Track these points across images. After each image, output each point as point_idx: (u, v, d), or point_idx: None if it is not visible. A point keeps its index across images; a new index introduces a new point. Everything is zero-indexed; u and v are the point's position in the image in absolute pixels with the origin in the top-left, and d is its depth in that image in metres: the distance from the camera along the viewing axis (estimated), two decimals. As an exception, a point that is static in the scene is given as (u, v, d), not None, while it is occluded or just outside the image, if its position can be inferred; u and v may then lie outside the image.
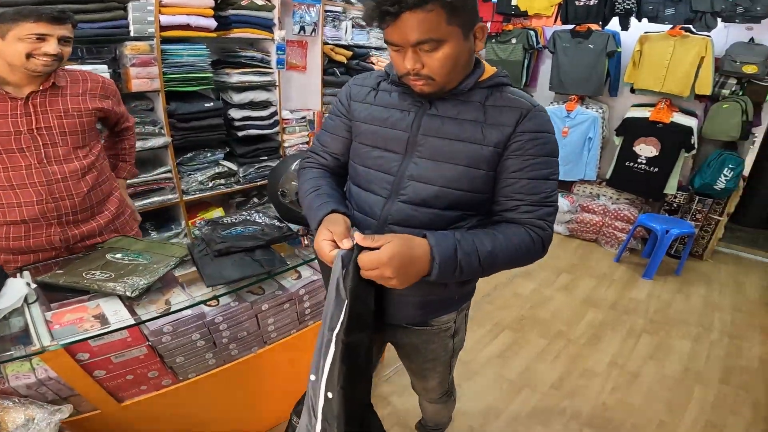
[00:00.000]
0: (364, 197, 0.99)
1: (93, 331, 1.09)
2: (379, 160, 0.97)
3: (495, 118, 0.89)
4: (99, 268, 1.29)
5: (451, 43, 0.80)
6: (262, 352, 1.46)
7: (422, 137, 0.92)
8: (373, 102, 1.01)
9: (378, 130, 0.98)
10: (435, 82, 0.85)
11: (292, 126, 3.03)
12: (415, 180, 0.92)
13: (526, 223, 0.89)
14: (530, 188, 0.89)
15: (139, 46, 2.24)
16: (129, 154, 1.75)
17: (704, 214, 3.52)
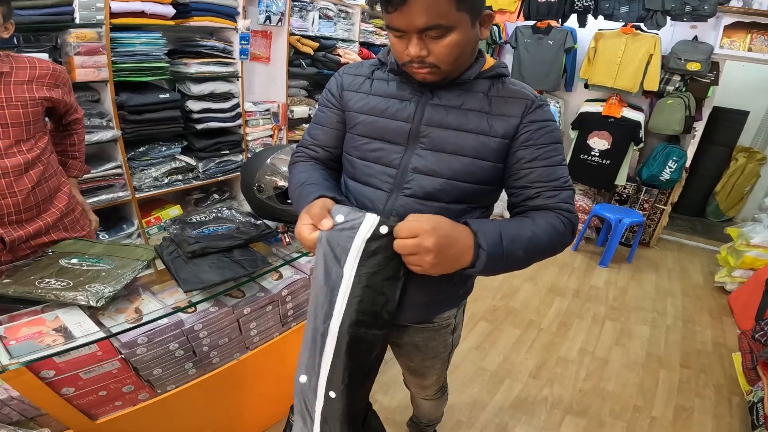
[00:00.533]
0: (365, 192, 0.94)
1: (57, 346, 0.95)
2: (379, 152, 0.92)
3: (500, 108, 0.87)
4: (53, 276, 1.14)
5: (459, 30, 0.77)
6: (245, 358, 1.37)
7: (425, 128, 0.88)
8: (369, 92, 0.95)
9: (376, 121, 0.92)
10: (440, 70, 0.82)
11: (255, 119, 2.88)
12: (420, 172, 0.89)
13: (553, 207, 0.87)
14: (547, 175, 0.87)
15: (86, 33, 2.03)
16: (79, 150, 1.59)
17: (651, 204, 3.75)
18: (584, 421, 1.84)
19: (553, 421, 1.83)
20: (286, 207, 1.49)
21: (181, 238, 1.31)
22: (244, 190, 1.59)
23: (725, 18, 3.10)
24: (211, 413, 1.39)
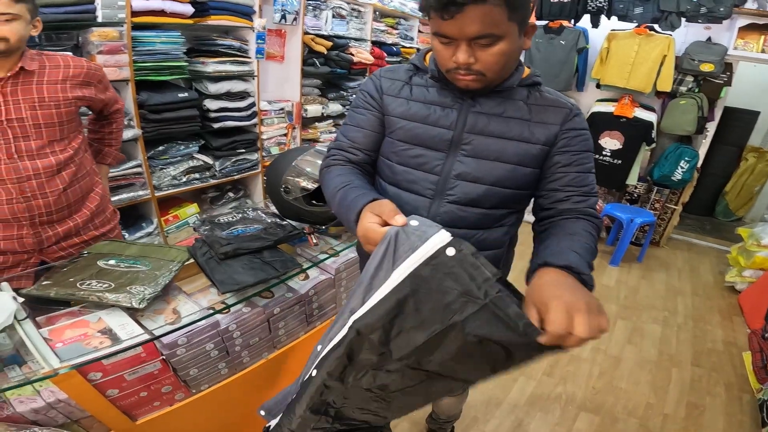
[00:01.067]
0: (406, 198, 0.96)
1: (104, 348, 0.98)
2: (420, 158, 0.94)
3: (540, 116, 0.90)
4: (94, 278, 1.17)
5: (507, 40, 0.79)
6: (273, 356, 1.40)
7: (468, 135, 0.91)
8: (409, 97, 0.96)
9: (417, 128, 0.94)
10: (485, 78, 0.83)
11: (270, 118, 2.91)
12: (463, 179, 0.92)
13: (581, 213, 0.91)
14: (579, 180, 0.92)
15: (108, 32, 2.05)
16: (116, 138, 1.62)
17: (661, 204, 3.77)
18: (598, 417, 1.88)
19: (567, 418, 1.87)
20: (312, 208, 1.51)
21: (213, 239, 1.34)
22: (269, 191, 1.62)
23: (740, 20, 3.10)
24: (241, 411, 1.42)
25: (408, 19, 3.81)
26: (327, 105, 3.28)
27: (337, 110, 3.38)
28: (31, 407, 0.99)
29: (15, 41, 1.15)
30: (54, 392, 1.01)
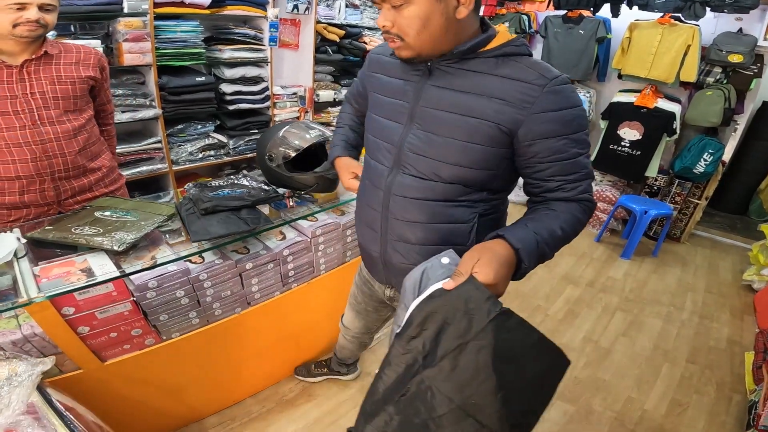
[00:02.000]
0: (372, 167, 1.03)
1: (79, 283, 1.13)
2: (385, 130, 0.98)
3: (502, 92, 0.83)
4: (88, 224, 1.33)
5: (419, 2, 0.78)
6: (246, 312, 1.52)
7: (422, 109, 0.90)
8: (384, 72, 1.01)
9: (383, 100, 0.99)
10: (406, 43, 0.83)
11: (282, 101, 3.07)
12: (414, 152, 0.92)
13: (573, 199, 0.88)
14: (567, 169, 0.86)
15: (132, 22, 2.26)
16: (110, 143, 1.78)
17: (683, 197, 3.62)
18: (573, 407, 1.87)
19: None
20: (293, 175, 1.63)
21: (197, 198, 1.48)
22: (258, 159, 1.74)
23: (771, 9, 2.93)
24: (212, 364, 1.54)
25: (423, 7, 3.84)
26: (339, 90, 3.39)
27: (350, 96, 3.47)
28: (10, 339, 1.14)
29: (50, 28, 1.36)
30: (32, 326, 1.16)
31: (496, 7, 3.90)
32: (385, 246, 1.03)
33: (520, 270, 0.78)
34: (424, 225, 0.95)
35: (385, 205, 0.99)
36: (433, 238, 0.95)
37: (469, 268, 0.71)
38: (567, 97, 0.83)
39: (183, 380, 1.50)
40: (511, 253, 0.76)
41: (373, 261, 1.11)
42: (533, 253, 0.78)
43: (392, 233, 1.00)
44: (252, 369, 1.70)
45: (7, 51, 1.33)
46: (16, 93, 1.35)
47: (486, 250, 0.74)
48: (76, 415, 1.03)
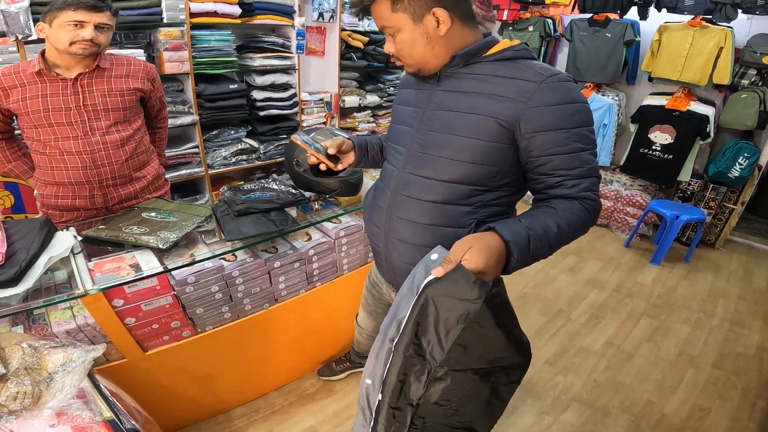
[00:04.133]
0: (385, 169, 1.12)
1: (128, 277, 1.26)
2: (400, 134, 1.08)
3: (500, 90, 0.89)
4: (136, 224, 1.46)
5: (404, 29, 0.91)
6: (273, 309, 1.62)
7: (432, 112, 0.98)
8: (406, 86, 1.12)
9: (400, 109, 1.10)
10: (406, 63, 0.96)
11: (310, 107, 3.18)
12: (422, 152, 0.98)
13: (576, 197, 0.88)
14: (568, 163, 0.88)
15: (172, 32, 2.42)
16: (160, 147, 1.91)
17: (717, 202, 3.52)
18: (589, 410, 1.88)
19: (557, 407, 1.89)
20: (319, 179, 1.72)
21: (231, 200, 1.60)
22: (286, 165, 1.84)
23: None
24: (240, 357, 1.64)
25: (448, 13, 3.89)
26: (365, 96, 3.48)
27: (375, 101, 3.57)
28: (65, 328, 1.27)
29: (104, 47, 1.46)
30: (86, 317, 1.29)
31: (519, 12, 3.90)
32: (388, 243, 1.09)
33: (510, 263, 0.80)
34: (424, 226, 1.00)
35: (391, 204, 1.05)
36: (431, 240, 0.98)
37: (459, 255, 0.74)
38: (566, 91, 0.87)
39: (214, 371, 1.61)
40: (501, 245, 0.78)
41: (380, 257, 1.17)
42: (523, 248, 0.80)
43: (394, 232, 1.06)
44: (277, 363, 1.80)
45: (62, 65, 1.45)
46: (70, 105, 1.46)
47: (477, 240, 0.77)
48: (119, 401, 1.13)
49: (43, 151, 1.51)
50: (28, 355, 1.08)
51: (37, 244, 1.25)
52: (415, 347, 0.76)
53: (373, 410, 0.85)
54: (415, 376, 0.78)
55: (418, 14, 0.89)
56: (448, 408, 0.79)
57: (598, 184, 0.92)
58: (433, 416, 0.81)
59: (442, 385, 0.77)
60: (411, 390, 0.79)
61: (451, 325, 0.73)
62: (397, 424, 0.82)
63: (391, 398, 0.80)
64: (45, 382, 1.05)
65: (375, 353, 0.84)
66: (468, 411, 0.81)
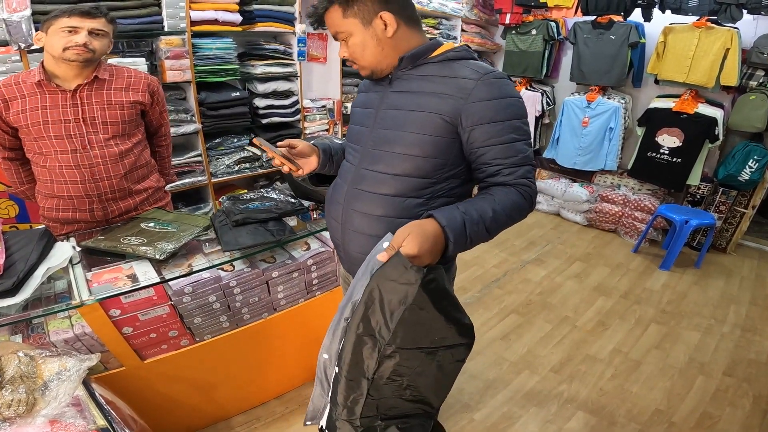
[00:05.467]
0: (343, 166, 1.16)
1: (125, 288, 1.25)
2: (356, 134, 1.13)
3: (443, 88, 0.97)
4: (134, 235, 1.46)
5: (355, 33, 0.98)
6: (272, 318, 1.61)
7: (384, 111, 1.05)
8: (362, 90, 1.19)
9: (358, 111, 1.16)
10: (360, 65, 1.03)
11: (312, 114, 3.18)
12: (376, 149, 1.05)
13: (512, 184, 0.96)
14: (505, 152, 0.95)
15: (173, 40, 2.42)
16: (166, 165, 1.87)
17: (728, 206, 3.45)
18: (595, 419, 1.84)
19: (562, 416, 1.85)
20: (318, 188, 1.71)
21: (230, 210, 1.59)
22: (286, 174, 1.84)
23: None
24: (240, 366, 1.63)
25: (450, 18, 3.87)
26: (367, 103, 3.47)
27: (379, 108, 3.54)
28: (62, 337, 1.27)
29: (99, 54, 1.43)
30: (83, 326, 1.29)
31: (522, 15, 3.88)
32: (345, 235, 1.12)
33: (448, 247, 0.87)
34: (378, 217, 1.04)
35: (347, 198, 1.09)
36: (385, 230, 0.99)
37: (399, 242, 0.82)
38: (500, 87, 0.95)
39: (213, 380, 1.60)
40: (438, 230, 0.86)
41: (339, 250, 1.20)
42: (460, 232, 0.87)
43: (351, 224, 1.10)
44: (277, 371, 1.79)
45: (61, 75, 1.43)
46: (69, 118, 1.44)
47: (415, 227, 0.84)
48: (114, 409, 1.13)
49: (44, 164, 1.49)
50: (23, 364, 1.08)
51: (36, 255, 1.26)
52: (366, 327, 0.84)
53: (330, 382, 0.94)
54: (368, 353, 0.85)
55: (367, 18, 0.97)
56: (400, 382, 0.87)
57: (534, 172, 1.00)
58: (387, 388, 0.88)
59: (393, 362, 0.84)
60: (365, 365, 0.87)
61: (394, 306, 0.80)
62: (355, 393, 0.90)
63: (348, 371, 0.88)
64: (40, 390, 1.05)
65: (332, 331, 0.93)
66: (419, 385, 0.89)
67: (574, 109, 3.75)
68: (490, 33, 4.38)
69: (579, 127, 3.74)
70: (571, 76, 3.78)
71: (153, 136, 1.78)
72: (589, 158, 3.77)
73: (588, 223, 3.89)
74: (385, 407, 0.92)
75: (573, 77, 3.77)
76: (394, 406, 0.92)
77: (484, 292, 2.77)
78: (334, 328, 0.93)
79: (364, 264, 0.88)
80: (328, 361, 0.96)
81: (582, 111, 3.69)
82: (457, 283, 1.36)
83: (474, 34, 4.12)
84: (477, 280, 2.92)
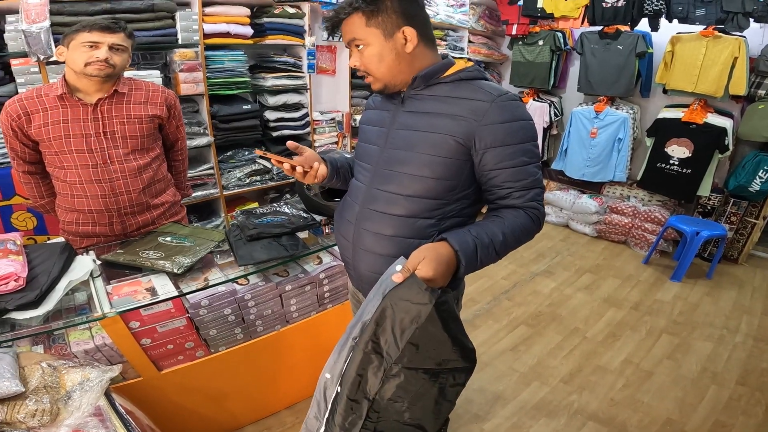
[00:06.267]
0: (353, 185, 1.16)
1: (144, 301, 1.29)
2: (367, 153, 1.13)
3: (456, 110, 0.97)
4: (152, 249, 1.48)
5: (374, 43, 0.97)
6: (285, 330, 1.63)
7: (396, 131, 1.05)
8: (371, 106, 1.19)
9: (367, 128, 1.16)
10: (373, 77, 1.01)
11: (322, 127, 3.22)
12: (388, 169, 1.05)
13: (522, 207, 0.98)
14: (515, 176, 0.96)
15: (186, 52, 2.47)
16: (178, 179, 1.89)
17: (739, 217, 3.43)
18: (606, 429, 1.83)
19: (572, 426, 1.85)
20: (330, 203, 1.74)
21: (244, 225, 1.62)
22: (297, 188, 1.88)
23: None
24: (253, 376, 1.65)
25: (457, 30, 3.91)
26: (376, 115, 3.51)
27: (387, 119, 3.58)
28: (83, 348, 1.30)
29: (119, 69, 1.47)
30: (104, 337, 1.32)
31: (528, 26, 3.91)
32: (355, 254, 1.13)
33: (459, 269, 0.89)
34: (389, 237, 1.05)
35: (359, 217, 1.10)
36: (395, 250, 1.04)
37: (415, 264, 0.84)
38: (513, 110, 0.96)
39: (227, 390, 1.63)
40: (451, 253, 0.88)
41: (348, 267, 1.21)
42: (471, 255, 0.89)
43: (361, 243, 1.10)
44: (289, 382, 1.80)
45: (83, 89, 1.45)
46: (90, 132, 1.47)
47: (430, 250, 0.86)
48: (134, 419, 1.15)
49: (64, 179, 1.52)
50: (47, 374, 1.11)
51: (58, 269, 1.29)
52: (374, 345, 0.85)
53: (328, 403, 0.94)
54: (373, 371, 0.86)
55: (389, 31, 0.97)
56: (401, 405, 0.88)
57: (542, 195, 1.01)
58: (387, 411, 0.89)
59: (396, 382, 0.86)
60: (368, 385, 0.87)
61: (405, 325, 0.82)
62: (354, 415, 0.90)
63: (350, 391, 0.88)
64: (63, 400, 1.08)
65: (338, 350, 0.93)
66: (418, 408, 0.89)
67: (582, 119, 3.76)
68: (496, 44, 4.43)
69: (587, 138, 3.75)
70: (579, 87, 3.79)
71: (169, 150, 1.80)
72: (597, 169, 3.77)
73: (597, 235, 3.88)
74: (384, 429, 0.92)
75: (581, 88, 3.78)
76: (392, 429, 0.92)
77: (493, 304, 2.78)
78: (340, 347, 0.93)
79: (376, 285, 0.90)
80: (330, 381, 0.95)
81: (590, 122, 3.70)
82: (466, 294, 1.38)
83: (481, 45, 4.16)
84: (486, 291, 2.93)
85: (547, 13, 3.69)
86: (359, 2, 0.95)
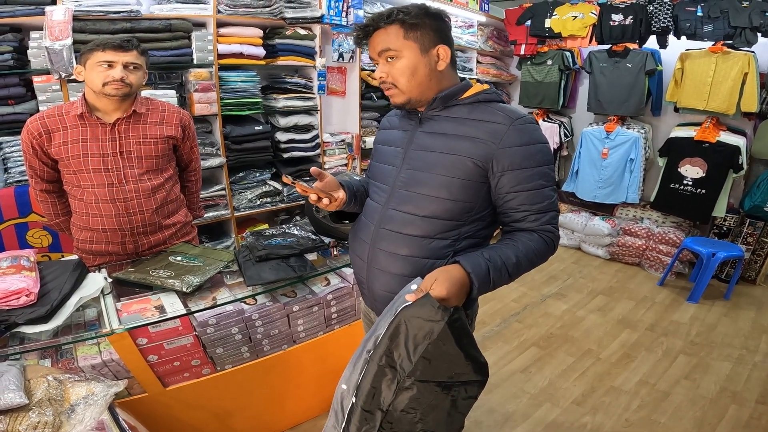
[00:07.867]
0: (369, 205, 1.16)
1: (153, 318, 1.30)
2: (383, 173, 1.13)
3: (475, 132, 0.98)
4: (162, 267, 1.50)
5: (408, 56, 0.98)
6: (292, 350, 1.63)
7: (413, 151, 1.06)
8: (387, 127, 1.19)
9: (383, 148, 1.16)
10: (399, 90, 1.01)
11: (332, 149, 3.24)
12: (403, 189, 1.05)
13: (537, 230, 0.98)
14: (532, 198, 0.97)
15: (201, 72, 2.51)
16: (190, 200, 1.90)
17: (756, 238, 3.35)
18: (622, 450, 1.78)
19: None
20: (339, 226, 1.75)
21: (253, 246, 1.64)
22: (306, 210, 1.88)
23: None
24: (258, 395, 1.64)
25: (465, 50, 3.95)
26: (385, 136, 3.54)
27: (396, 140, 3.60)
28: (90, 363, 1.31)
29: (136, 87, 1.50)
30: (111, 353, 1.34)
31: (537, 46, 3.94)
32: (370, 273, 1.13)
33: (472, 291, 0.91)
34: (404, 257, 1.05)
35: (374, 237, 1.10)
36: (410, 270, 1.05)
37: (428, 285, 0.87)
38: (531, 133, 0.97)
39: (232, 408, 1.62)
40: (464, 276, 0.90)
41: (362, 286, 1.20)
42: (484, 278, 0.91)
43: (376, 263, 1.10)
44: (294, 402, 1.79)
45: (102, 108, 1.49)
46: (108, 151, 1.50)
47: (443, 272, 0.89)
48: (136, 433, 1.16)
49: (81, 197, 1.55)
50: (52, 387, 1.12)
51: (69, 285, 1.32)
52: (388, 359, 0.88)
53: (345, 413, 0.95)
54: (386, 384, 0.88)
55: (425, 47, 0.99)
56: (414, 416, 0.89)
57: (557, 218, 1.02)
58: (400, 422, 0.90)
59: (409, 394, 0.87)
60: (382, 396, 0.89)
61: (418, 341, 0.85)
62: (368, 425, 0.91)
63: (365, 402, 0.90)
64: (66, 413, 1.08)
65: (353, 362, 0.94)
66: (430, 420, 0.90)
67: (592, 140, 3.74)
68: (505, 64, 4.47)
69: (598, 158, 3.72)
70: (589, 106, 3.78)
71: (183, 171, 1.82)
72: (609, 191, 3.73)
73: (610, 257, 3.81)
74: None
75: (590, 107, 3.78)
76: None
77: (503, 326, 2.73)
78: (355, 360, 0.95)
79: (390, 303, 0.92)
80: (346, 392, 0.97)
81: (601, 142, 3.68)
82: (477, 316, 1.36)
83: (489, 65, 4.21)
84: (496, 314, 2.89)
85: (555, 32, 3.72)
86: (401, 14, 0.97)
